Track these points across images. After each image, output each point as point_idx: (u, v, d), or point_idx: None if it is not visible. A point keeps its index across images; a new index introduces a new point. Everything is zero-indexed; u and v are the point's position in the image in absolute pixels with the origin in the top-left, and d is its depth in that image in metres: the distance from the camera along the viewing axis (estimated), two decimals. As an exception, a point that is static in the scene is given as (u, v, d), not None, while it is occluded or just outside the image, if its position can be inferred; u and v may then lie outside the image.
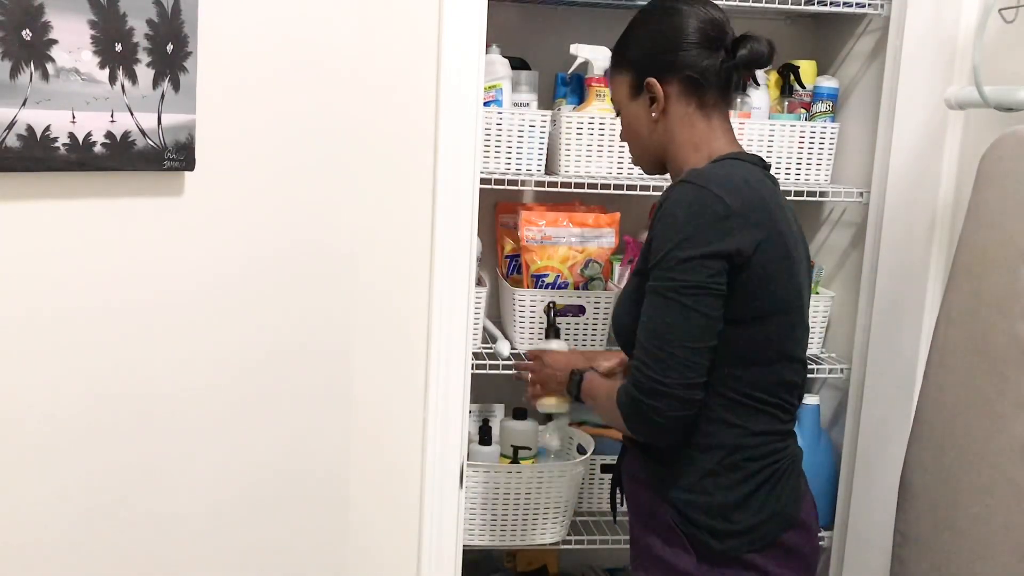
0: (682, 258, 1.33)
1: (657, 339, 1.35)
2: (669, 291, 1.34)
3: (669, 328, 1.34)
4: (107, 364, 1.40)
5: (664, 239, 1.36)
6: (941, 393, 1.60)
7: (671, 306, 1.34)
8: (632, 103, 1.52)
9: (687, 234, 1.33)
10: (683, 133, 1.48)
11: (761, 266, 1.36)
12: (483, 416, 2.32)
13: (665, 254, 1.35)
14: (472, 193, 1.79)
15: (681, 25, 1.46)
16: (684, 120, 1.48)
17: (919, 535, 1.61)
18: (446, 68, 1.73)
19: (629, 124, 1.55)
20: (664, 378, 1.34)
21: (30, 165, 1.24)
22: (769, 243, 1.36)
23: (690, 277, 1.33)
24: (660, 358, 1.35)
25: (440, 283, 1.78)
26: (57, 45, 1.24)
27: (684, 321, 1.34)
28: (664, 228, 1.36)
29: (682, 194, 1.36)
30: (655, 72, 1.47)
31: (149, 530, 1.49)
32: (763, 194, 1.40)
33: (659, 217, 1.38)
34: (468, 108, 1.75)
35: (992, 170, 1.57)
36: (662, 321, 1.35)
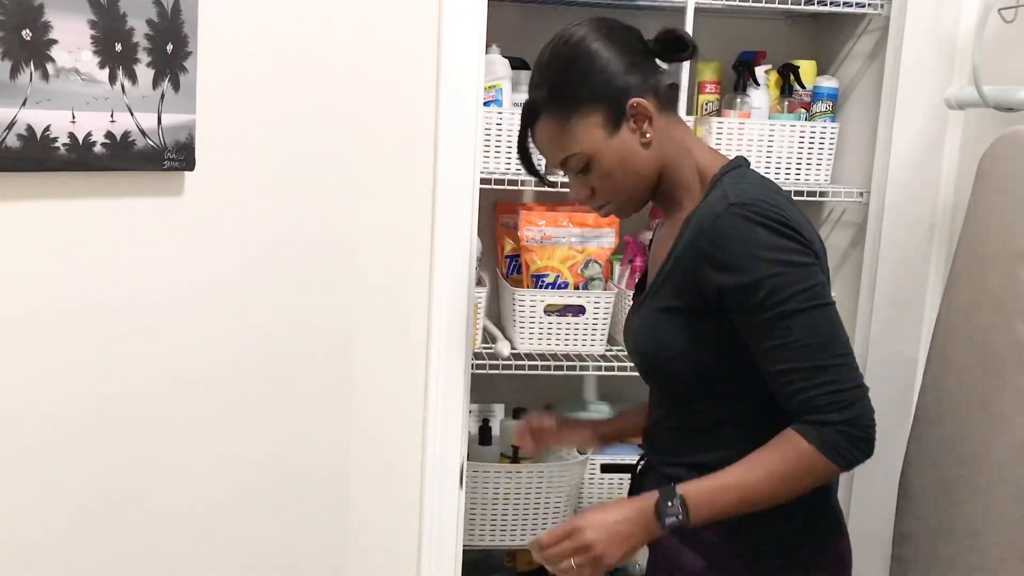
0: (788, 264, 1.20)
1: (827, 352, 1.20)
2: (798, 303, 1.20)
3: (828, 337, 1.21)
4: (107, 363, 1.40)
5: (753, 265, 1.20)
6: (941, 393, 1.60)
7: (813, 316, 1.20)
8: (612, 139, 1.32)
9: (774, 246, 1.21)
10: (673, 142, 1.35)
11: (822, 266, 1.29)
12: (483, 416, 2.32)
13: (765, 277, 1.20)
14: (472, 193, 1.79)
15: (621, 41, 1.34)
16: (669, 128, 1.35)
17: (919, 535, 1.61)
18: (446, 68, 1.73)
19: (617, 165, 1.34)
20: (857, 381, 1.21)
21: (30, 165, 1.24)
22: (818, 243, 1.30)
23: (804, 283, 1.21)
24: (841, 366, 1.20)
25: (440, 283, 1.78)
26: (57, 45, 1.24)
27: (829, 322, 1.22)
28: (744, 257, 1.21)
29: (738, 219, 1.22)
30: (633, 93, 1.32)
31: (149, 529, 1.49)
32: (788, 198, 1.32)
33: (723, 251, 1.23)
34: (468, 108, 1.75)
35: (992, 170, 1.57)
36: (816, 335, 1.20)
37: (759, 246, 1.21)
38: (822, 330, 1.21)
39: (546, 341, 2.15)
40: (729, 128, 2.15)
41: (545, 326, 2.14)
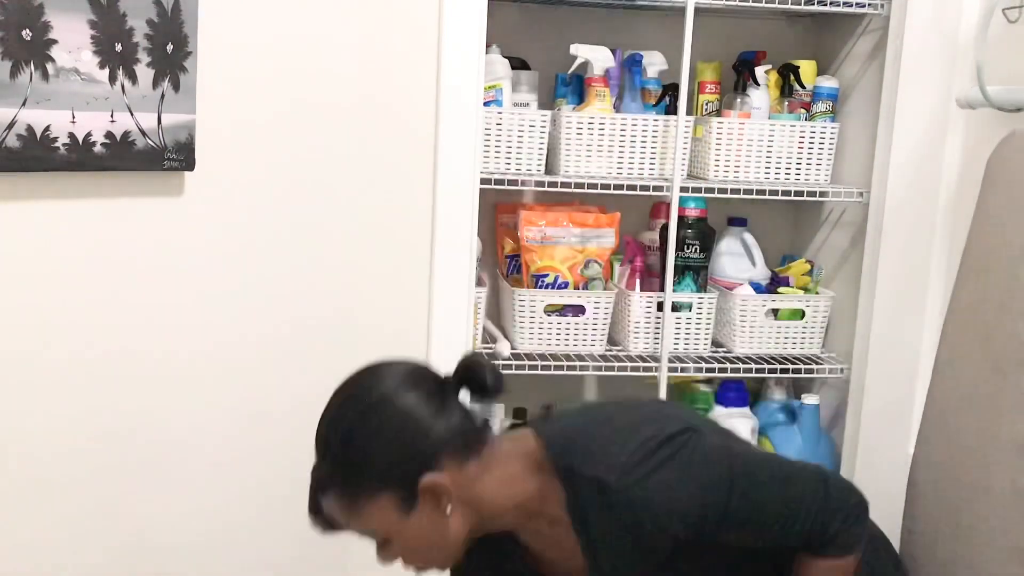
0: (723, 459, 1.23)
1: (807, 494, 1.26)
2: (743, 468, 1.24)
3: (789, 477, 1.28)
4: (107, 362, 1.40)
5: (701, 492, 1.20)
6: (949, 391, 1.60)
7: (771, 471, 1.27)
8: (409, 520, 1.19)
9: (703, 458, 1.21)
10: (486, 492, 1.22)
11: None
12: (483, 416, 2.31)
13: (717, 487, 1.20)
14: (472, 193, 1.79)
15: (410, 398, 1.20)
16: (478, 483, 1.21)
17: (927, 532, 1.61)
18: (446, 68, 1.73)
19: (419, 542, 1.22)
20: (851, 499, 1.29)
21: (30, 165, 1.24)
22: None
23: (738, 447, 1.29)
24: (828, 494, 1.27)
25: (440, 283, 1.78)
26: (57, 45, 1.24)
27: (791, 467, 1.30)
28: (687, 496, 1.19)
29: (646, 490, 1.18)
30: (424, 466, 1.18)
31: (147, 530, 1.49)
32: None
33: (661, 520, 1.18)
34: (468, 108, 1.75)
35: (1000, 169, 1.56)
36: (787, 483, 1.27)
37: (690, 480, 1.19)
38: (788, 480, 1.27)
39: (546, 341, 2.14)
40: (729, 128, 2.15)
41: (545, 326, 2.14)
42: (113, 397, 1.42)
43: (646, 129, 2.12)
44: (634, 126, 2.11)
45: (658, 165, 2.14)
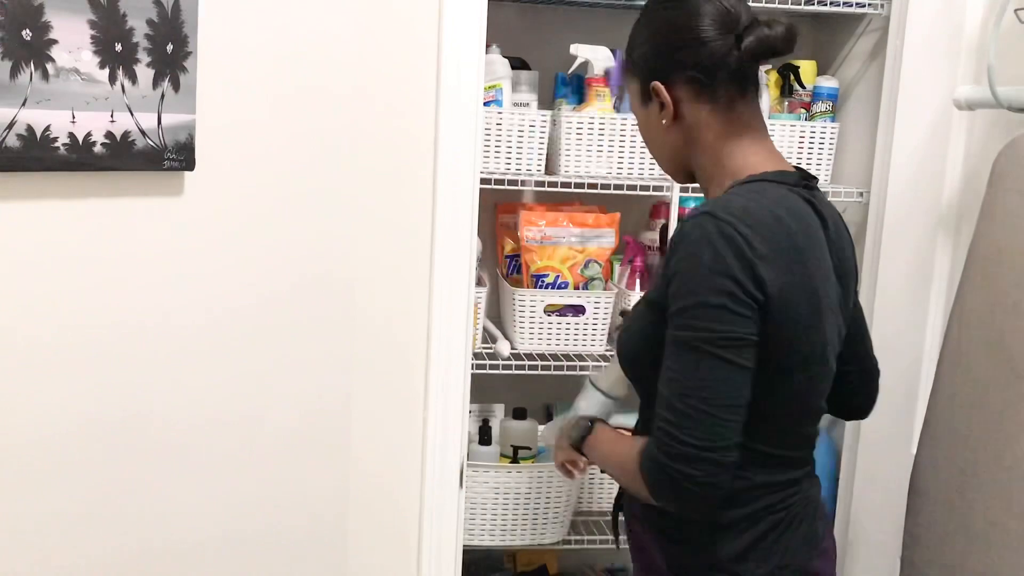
0: (711, 304, 1.17)
1: (688, 397, 1.18)
2: (699, 342, 1.17)
3: (702, 385, 1.17)
4: (107, 363, 1.40)
5: (688, 282, 1.19)
6: (955, 394, 1.59)
7: (703, 360, 1.17)
8: (643, 109, 1.38)
9: (712, 277, 1.17)
10: (703, 140, 1.33)
11: (784, 314, 1.20)
12: (483, 416, 2.32)
13: (689, 299, 1.19)
14: (472, 193, 1.79)
15: (681, 19, 1.30)
16: (701, 126, 1.32)
17: (931, 537, 1.61)
18: (446, 68, 1.73)
19: (645, 132, 1.41)
20: (699, 441, 1.16)
21: (30, 165, 1.24)
22: (794, 289, 1.21)
23: (720, 326, 1.17)
24: (693, 418, 1.17)
25: (440, 283, 1.78)
26: (57, 45, 1.24)
27: (718, 375, 1.17)
28: (686, 269, 1.20)
29: (701, 230, 1.19)
30: (659, 75, 1.32)
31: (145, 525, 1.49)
32: (791, 228, 1.23)
33: (678, 254, 1.21)
34: (468, 108, 1.75)
35: (1007, 170, 1.56)
36: (693, 376, 1.18)
37: (699, 267, 1.18)
38: (698, 376, 1.18)
39: (546, 341, 2.15)
40: (729, 128, 2.15)
41: (545, 326, 2.14)
42: (113, 397, 1.42)
43: (646, 129, 2.12)
44: (634, 126, 2.11)
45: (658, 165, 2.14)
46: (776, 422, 1.27)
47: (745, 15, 1.29)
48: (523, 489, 2.10)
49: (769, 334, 1.19)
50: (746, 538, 1.28)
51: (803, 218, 1.26)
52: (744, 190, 1.27)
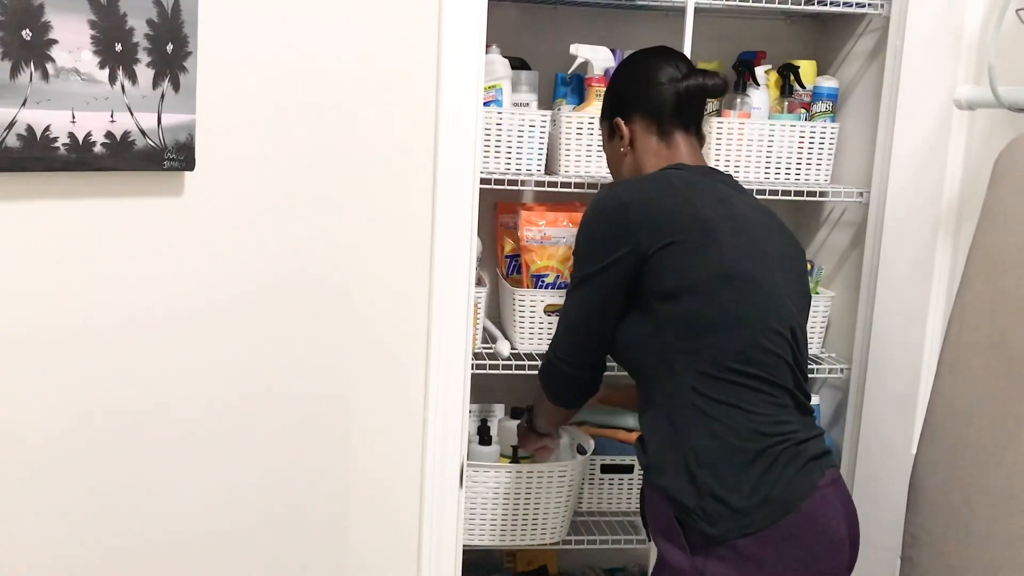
0: (587, 252, 1.60)
1: (561, 324, 1.70)
2: (572, 283, 1.64)
3: (567, 317, 1.67)
4: (106, 363, 1.40)
5: (577, 240, 1.63)
6: (955, 394, 1.59)
7: (571, 297, 1.64)
8: (609, 145, 1.79)
9: (590, 233, 1.60)
10: (647, 160, 1.71)
11: (672, 246, 1.50)
12: (483, 416, 2.32)
13: (575, 251, 1.64)
14: (472, 193, 1.79)
15: (637, 70, 1.74)
16: (646, 148, 1.71)
17: (931, 537, 1.61)
18: (446, 68, 1.72)
19: (609, 158, 1.81)
20: (558, 355, 1.70)
21: (30, 165, 1.24)
22: (679, 226, 1.52)
23: (586, 270, 1.59)
24: (559, 338, 1.70)
25: (440, 283, 1.78)
26: (57, 45, 1.24)
27: (574, 309, 1.64)
28: (578, 231, 1.64)
29: (602, 196, 1.62)
30: (620, 113, 1.74)
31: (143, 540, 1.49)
32: (673, 183, 1.61)
33: (585, 216, 1.64)
34: (468, 108, 1.75)
35: (1008, 170, 1.56)
36: (567, 312, 1.67)
37: (586, 224, 1.62)
38: (568, 310, 1.67)
39: (546, 341, 2.15)
40: (729, 128, 2.15)
41: (545, 326, 2.14)
42: (113, 396, 1.41)
43: (646, 129, 2.11)
44: (634, 126, 2.11)
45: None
46: (711, 336, 1.49)
47: (686, 68, 1.72)
48: (523, 489, 2.10)
49: (658, 263, 1.51)
50: (729, 467, 1.44)
51: (694, 183, 1.62)
52: (645, 174, 1.69)
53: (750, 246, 1.56)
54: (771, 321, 1.52)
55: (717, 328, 1.49)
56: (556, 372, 1.71)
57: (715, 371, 1.47)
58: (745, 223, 1.58)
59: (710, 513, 1.43)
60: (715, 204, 1.58)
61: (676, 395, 1.50)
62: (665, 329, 1.52)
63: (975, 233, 1.61)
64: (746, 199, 1.66)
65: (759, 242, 1.58)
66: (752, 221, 1.60)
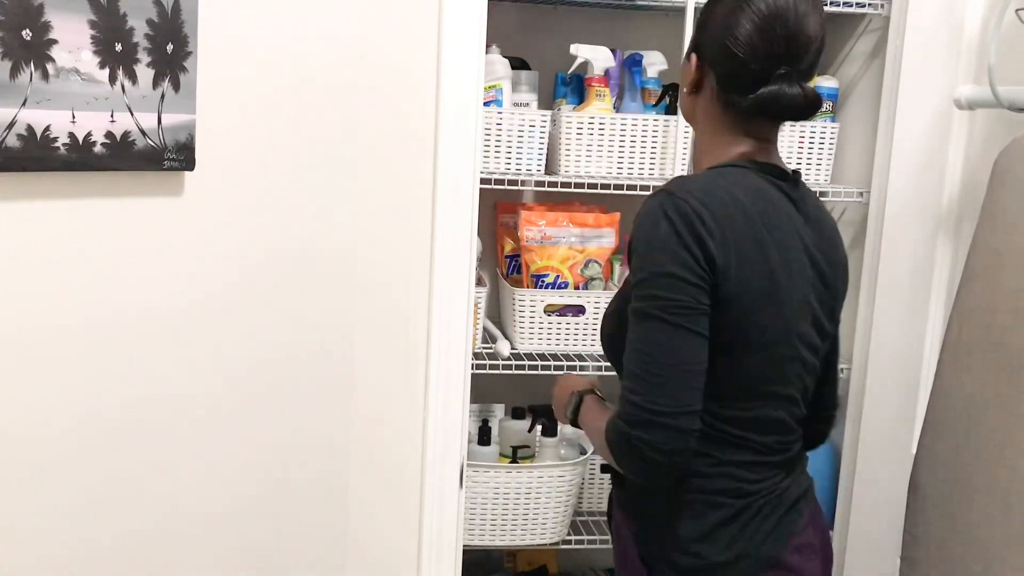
0: (664, 273, 1.20)
1: (646, 363, 1.20)
2: (654, 309, 1.20)
3: (658, 350, 1.20)
4: (107, 363, 1.40)
5: (643, 254, 1.23)
6: (955, 394, 1.59)
7: (657, 326, 1.20)
8: (685, 62, 1.38)
9: (665, 248, 1.21)
10: (708, 125, 1.34)
11: (732, 292, 1.21)
12: (483, 416, 2.32)
13: (641, 270, 1.23)
14: (472, 193, 1.79)
15: (738, 22, 1.26)
16: (712, 114, 1.33)
17: (931, 536, 1.61)
18: (446, 68, 1.72)
19: (680, 96, 1.43)
20: (657, 406, 1.18)
21: (30, 165, 1.24)
22: (744, 268, 1.22)
23: (671, 294, 1.20)
24: (650, 383, 1.19)
25: (440, 283, 1.78)
26: (57, 45, 1.24)
27: (673, 341, 1.20)
28: (642, 242, 1.24)
29: (658, 206, 1.23)
30: (699, 48, 1.33)
31: (147, 531, 1.49)
32: (747, 210, 1.24)
33: (636, 231, 1.26)
34: (468, 108, 1.75)
35: (1008, 171, 1.56)
36: (649, 343, 1.21)
37: (654, 239, 1.22)
38: (654, 342, 1.20)
39: (546, 341, 2.15)
40: (729, 128, 2.15)
41: (545, 326, 2.14)
42: (113, 396, 1.41)
43: (646, 129, 2.12)
44: (634, 126, 2.11)
45: (658, 165, 2.14)
46: (733, 402, 1.27)
47: (795, 61, 1.26)
48: (523, 489, 2.10)
49: (718, 310, 1.21)
50: (708, 520, 1.28)
51: (767, 203, 1.27)
52: (709, 172, 1.30)
53: (801, 310, 1.29)
54: (792, 390, 1.32)
55: (731, 395, 1.28)
56: (657, 428, 1.19)
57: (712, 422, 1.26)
58: (797, 279, 1.28)
59: (682, 568, 1.30)
60: (783, 248, 1.27)
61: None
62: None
63: (975, 233, 1.61)
64: (811, 226, 1.34)
65: (815, 306, 1.32)
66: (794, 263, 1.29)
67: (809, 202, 1.35)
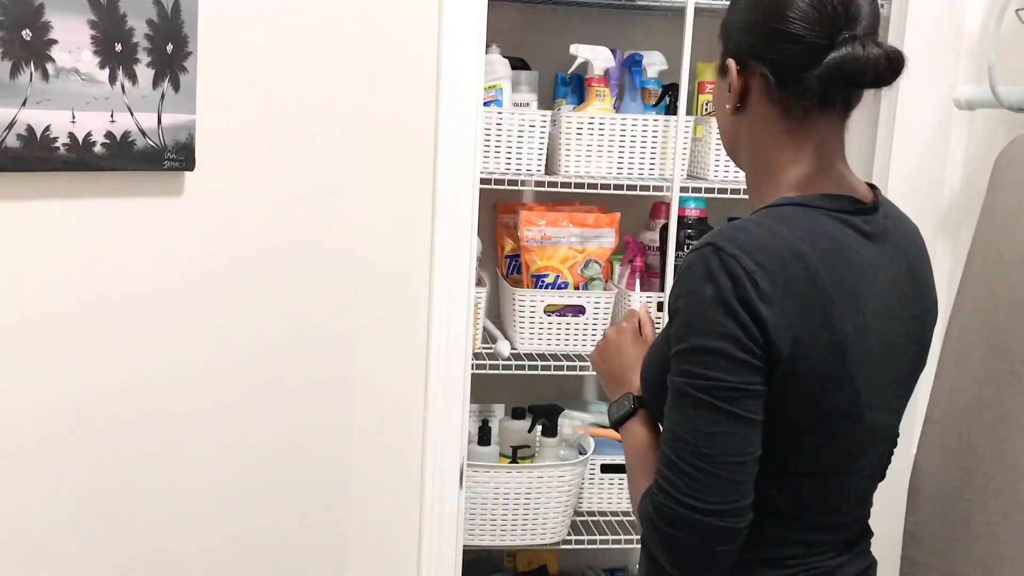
0: (703, 347, 1.03)
1: (687, 452, 1.03)
2: (697, 391, 1.03)
3: (702, 440, 1.02)
4: (107, 362, 1.40)
5: (686, 322, 1.05)
6: (955, 394, 1.59)
7: (702, 411, 1.03)
8: (719, 80, 1.18)
9: (711, 319, 1.02)
10: (759, 142, 1.15)
11: (794, 365, 1.04)
12: (483, 416, 2.32)
13: (687, 342, 1.04)
14: (472, 193, 1.79)
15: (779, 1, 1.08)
16: (762, 127, 1.14)
17: (931, 536, 1.60)
18: (446, 68, 1.72)
19: (715, 103, 1.22)
20: (698, 503, 1.02)
21: (30, 165, 1.24)
22: (809, 337, 1.04)
23: (720, 374, 1.02)
24: (692, 476, 1.02)
25: (440, 283, 1.78)
26: (57, 45, 1.24)
27: (719, 429, 1.02)
28: (685, 308, 1.05)
29: (704, 264, 1.04)
30: (738, 53, 1.13)
31: (146, 527, 1.49)
32: (812, 266, 1.05)
33: (677, 290, 1.07)
34: (468, 108, 1.75)
35: (1008, 171, 1.56)
36: (692, 430, 1.03)
37: (697, 306, 1.04)
38: (698, 430, 1.03)
39: (546, 341, 2.15)
40: (729, 128, 2.15)
41: (545, 326, 2.14)
42: (112, 396, 1.42)
43: (646, 129, 2.12)
44: (634, 126, 2.11)
45: (658, 165, 2.14)
46: (787, 478, 1.11)
47: (856, 22, 1.09)
48: (523, 489, 2.10)
49: (778, 387, 1.04)
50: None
51: (835, 253, 1.08)
52: (766, 216, 1.09)
53: (880, 373, 1.14)
54: (857, 464, 1.17)
55: (787, 478, 1.12)
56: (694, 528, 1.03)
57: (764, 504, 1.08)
58: (873, 336, 1.11)
59: None
60: (855, 303, 1.09)
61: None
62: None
63: (975, 233, 1.61)
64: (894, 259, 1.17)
65: (898, 360, 1.17)
66: (892, 322, 1.14)
67: (891, 228, 1.18)
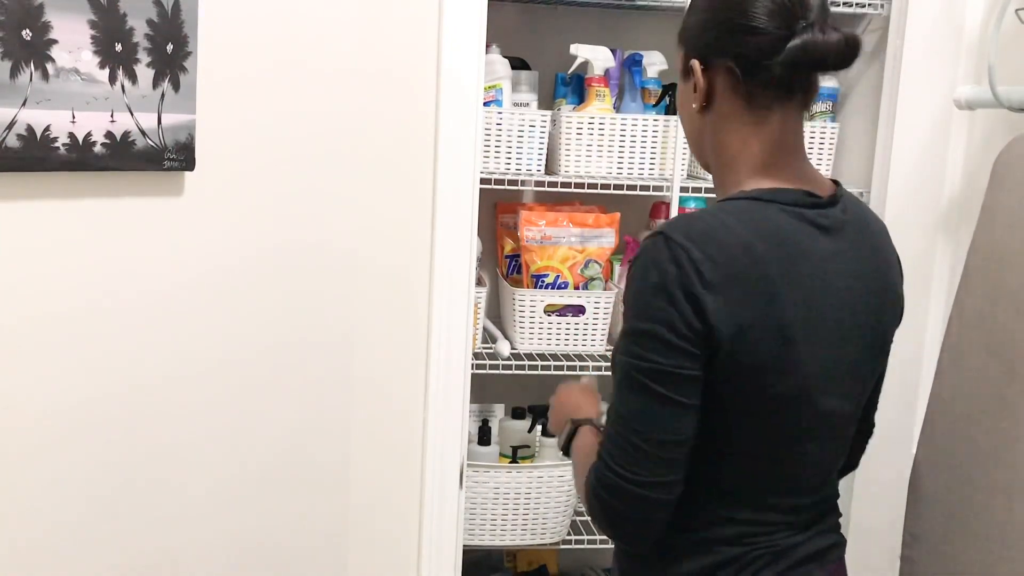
0: (643, 330, 1.08)
1: (623, 427, 1.10)
2: (635, 371, 1.08)
3: (636, 417, 1.09)
4: (107, 362, 1.40)
5: (631, 305, 1.11)
6: (955, 394, 1.59)
7: (638, 391, 1.09)
8: (682, 82, 1.23)
9: (653, 303, 1.07)
10: (724, 139, 1.19)
11: (740, 352, 1.08)
12: (483, 416, 2.32)
13: (630, 323, 1.10)
14: (472, 193, 1.79)
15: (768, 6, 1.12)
16: (729, 120, 1.18)
17: (931, 536, 1.61)
18: (446, 68, 1.73)
19: (680, 107, 1.27)
20: (630, 474, 1.09)
21: (30, 165, 1.24)
22: (755, 325, 1.08)
23: (655, 356, 1.07)
24: (625, 450, 1.09)
25: (440, 283, 1.78)
26: (57, 45, 1.24)
27: (652, 410, 1.08)
28: (632, 291, 1.11)
29: (653, 251, 1.09)
30: (700, 53, 1.18)
31: (148, 528, 1.49)
32: (761, 257, 1.09)
33: (629, 274, 1.13)
34: (468, 108, 1.75)
35: (1008, 170, 1.56)
36: (628, 407, 1.10)
37: (642, 291, 1.09)
38: (634, 408, 1.09)
39: (546, 341, 2.15)
40: (729, 128, 2.15)
41: (545, 326, 2.14)
42: (113, 396, 1.42)
43: (646, 129, 2.12)
44: (634, 126, 2.11)
45: (658, 165, 2.14)
46: (738, 461, 1.15)
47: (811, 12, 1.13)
48: (523, 489, 2.10)
49: (722, 371, 1.08)
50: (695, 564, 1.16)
51: (783, 244, 1.11)
52: (719, 208, 1.14)
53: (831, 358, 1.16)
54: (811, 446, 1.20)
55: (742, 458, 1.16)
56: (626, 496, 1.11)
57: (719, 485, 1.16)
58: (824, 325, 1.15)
59: None
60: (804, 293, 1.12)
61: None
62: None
63: (975, 233, 1.61)
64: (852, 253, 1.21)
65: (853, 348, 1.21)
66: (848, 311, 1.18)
67: (849, 222, 1.21)
